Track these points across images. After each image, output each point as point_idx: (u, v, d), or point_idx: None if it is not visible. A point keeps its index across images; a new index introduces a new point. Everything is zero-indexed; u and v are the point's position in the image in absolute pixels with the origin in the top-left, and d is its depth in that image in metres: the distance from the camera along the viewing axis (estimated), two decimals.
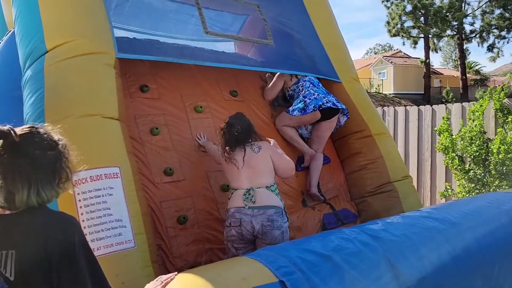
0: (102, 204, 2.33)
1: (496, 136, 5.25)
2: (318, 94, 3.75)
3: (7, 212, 1.41)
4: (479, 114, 5.48)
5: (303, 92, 3.82)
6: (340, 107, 3.77)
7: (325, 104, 3.68)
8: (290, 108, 3.81)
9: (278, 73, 3.97)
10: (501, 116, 5.37)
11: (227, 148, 2.83)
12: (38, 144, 1.44)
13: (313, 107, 3.68)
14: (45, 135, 1.48)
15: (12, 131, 1.39)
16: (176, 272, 1.84)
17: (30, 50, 2.70)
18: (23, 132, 1.44)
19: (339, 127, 3.97)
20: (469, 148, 5.36)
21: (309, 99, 3.73)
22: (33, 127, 1.48)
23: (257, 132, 2.93)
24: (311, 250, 1.93)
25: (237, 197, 2.76)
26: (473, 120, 5.51)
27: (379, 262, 1.98)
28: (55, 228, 1.40)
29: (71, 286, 1.38)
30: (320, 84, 3.94)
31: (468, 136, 5.39)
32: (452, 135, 5.63)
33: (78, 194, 2.29)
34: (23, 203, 1.40)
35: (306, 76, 3.91)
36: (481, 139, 5.33)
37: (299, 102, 3.76)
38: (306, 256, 1.88)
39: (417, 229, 2.32)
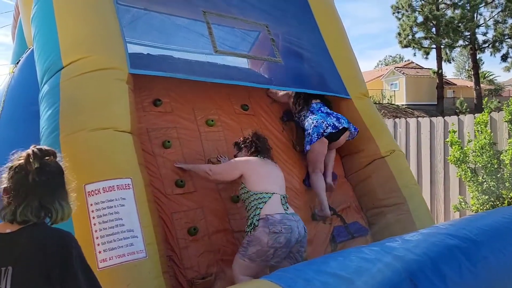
0: (114, 215, 2.38)
1: (509, 145, 5.19)
2: (316, 121, 3.70)
3: (8, 230, 1.53)
4: (484, 126, 5.45)
5: (304, 123, 3.82)
6: (342, 127, 3.69)
7: (325, 131, 3.64)
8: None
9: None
10: (511, 127, 5.32)
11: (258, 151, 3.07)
12: (54, 168, 1.65)
13: (316, 135, 3.65)
14: (58, 162, 1.68)
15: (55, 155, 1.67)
16: None
17: (47, 66, 2.81)
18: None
19: (351, 139, 3.90)
20: (479, 159, 5.31)
21: (310, 129, 3.70)
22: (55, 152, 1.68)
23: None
24: (330, 272, 1.89)
25: (275, 203, 2.80)
26: (481, 132, 5.47)
27: (401, 283, 1.93)
28: (53, 244, 1.53)
29: None
30: (323, 108, 3.86)
31: (478, 146, 5.35)
32: (462, 147, 5.59)
33: (91, 205, 2.35)
34: (29, 217, 1.54)
35: (308, 101, 3.88)
36: (491, 151, 5.28)
37: (306, 137, 3.76)
38: (325, 278, 1.84)
39: (438, 247, 2.24)
